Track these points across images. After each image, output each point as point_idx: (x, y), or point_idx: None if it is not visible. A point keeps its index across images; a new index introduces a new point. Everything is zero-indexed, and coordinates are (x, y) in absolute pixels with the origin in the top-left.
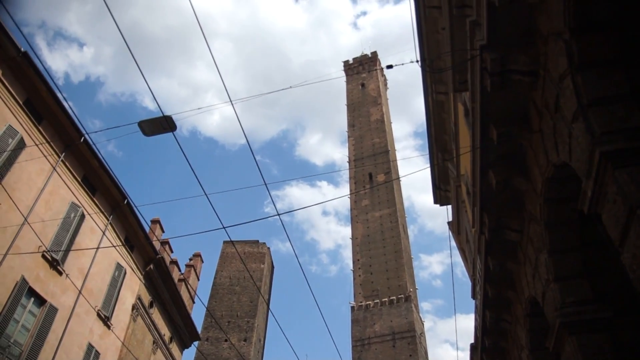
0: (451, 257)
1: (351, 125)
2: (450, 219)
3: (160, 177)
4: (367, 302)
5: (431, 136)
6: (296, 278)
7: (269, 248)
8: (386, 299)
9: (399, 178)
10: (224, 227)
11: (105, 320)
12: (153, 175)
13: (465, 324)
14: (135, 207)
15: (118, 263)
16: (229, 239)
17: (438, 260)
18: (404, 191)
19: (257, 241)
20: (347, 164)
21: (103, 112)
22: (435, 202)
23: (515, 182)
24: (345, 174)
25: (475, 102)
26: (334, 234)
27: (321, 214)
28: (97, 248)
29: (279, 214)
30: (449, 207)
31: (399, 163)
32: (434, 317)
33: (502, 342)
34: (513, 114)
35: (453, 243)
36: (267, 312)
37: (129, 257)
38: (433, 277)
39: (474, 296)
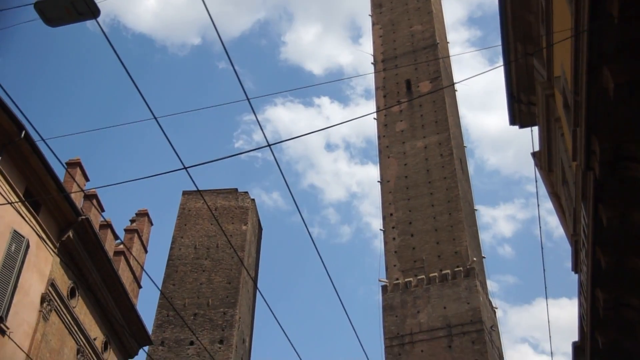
0: (538, 207)
1: (377, 5)
2: (537, 149)
3: (74, 95)
4: (407, 279)
5: (506, 15)
6: (291, 245)
7: (253, 200)
8: (436, 274)
9: (453, 84)
10: (184, 168)
11: None
12: (62, 91)
13: (556, 314)
14: (44, 140)
15: (15, 231)
16: (191, 188)
17: (507, 214)
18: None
19: (236, 190)
20: (372, 67)
21: None
22: (513, 122)
23: None
24: (360, 85)
25: None
26: (345, 178)
27: (324, 147)
28: None
29: (269, 144)
30: (534, 129)
31: (455, 61)
32: (502, 303)
33: (625, 339)
34: None
35: (541, 187)
36: (254, 297)
37: (34, 220)
38: (499, 241)
39: (576, 268)
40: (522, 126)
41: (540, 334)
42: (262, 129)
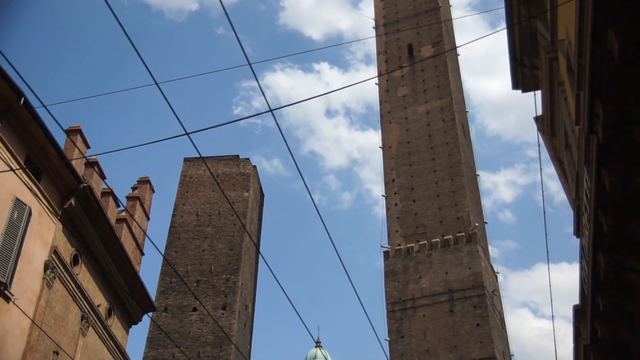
0: (540, 171)
1: None
2: (540, 113)
3: (72, 62)
4: (409, 245)
5: None
6: (292, 212)
7: (254, 167)
8: (438, 240)
9: (455, 48)
10: (187, 133)
11: (1, 290)
12: (60, 58)
13: (556, 279)
14: (45, 106)
15: (17, 198)
16: (192, 155)
17: (508, 180)
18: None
19: (237, 157)
20: (372, 32)
21: None
22: (515, 86)
23: None
24: (360, 51)
25: None
26: (346, 144)
27: (324, 113)
28: None
29: (271, 110)
30: (538, 93)
31: (456, 26)
32: (502, 268)
33: (626, 302)
34: None
35: (543, 152)
36: (257, 264)
37: (35, 188)
38: (499, 207)
39: (578, 233)
40: (524, 90)
41: (540, 299)
42: (263, 93)
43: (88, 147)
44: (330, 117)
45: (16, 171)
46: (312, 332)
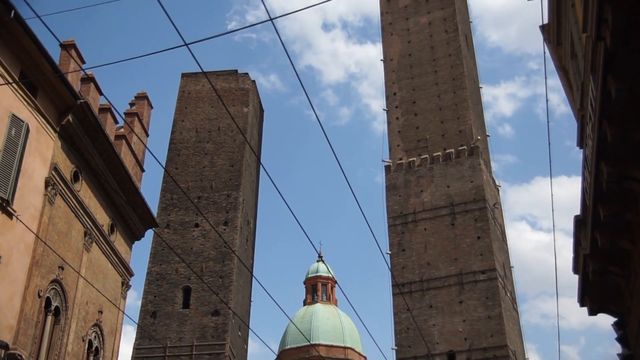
0: (545, 79)
1: None
2: (546, 21)
3: None
4: (411, 159)
5: None
6: (289, 127)
7: (253, 81)
8: (440, 153)
9: None
10: (185, 44)
11: (4, 206)
12: None
13: (555, 192)
14: (39, 16)
15: (14, 115)
16: (190, 70)
17: (508, 93)
18: None
19: (236, 72)
20: None
21: None
22: None
23: None
24: None
25: None
26: (344, 59)
27: (321, 27)
28: None
29: (271, 19)
30: (544, 0)
31: None
32: (501, 182)
33: (627, 211)
34: None
35: (546, 63)
36: (257, 180)
37: (32, 104)
38: (499, 121)
39: (581, 143)
40: None
41: (538, 212)
42: (262, 1)
43: (83, 62)
44: (327, 31)
45: (11, 87)
46: (314, 246)
